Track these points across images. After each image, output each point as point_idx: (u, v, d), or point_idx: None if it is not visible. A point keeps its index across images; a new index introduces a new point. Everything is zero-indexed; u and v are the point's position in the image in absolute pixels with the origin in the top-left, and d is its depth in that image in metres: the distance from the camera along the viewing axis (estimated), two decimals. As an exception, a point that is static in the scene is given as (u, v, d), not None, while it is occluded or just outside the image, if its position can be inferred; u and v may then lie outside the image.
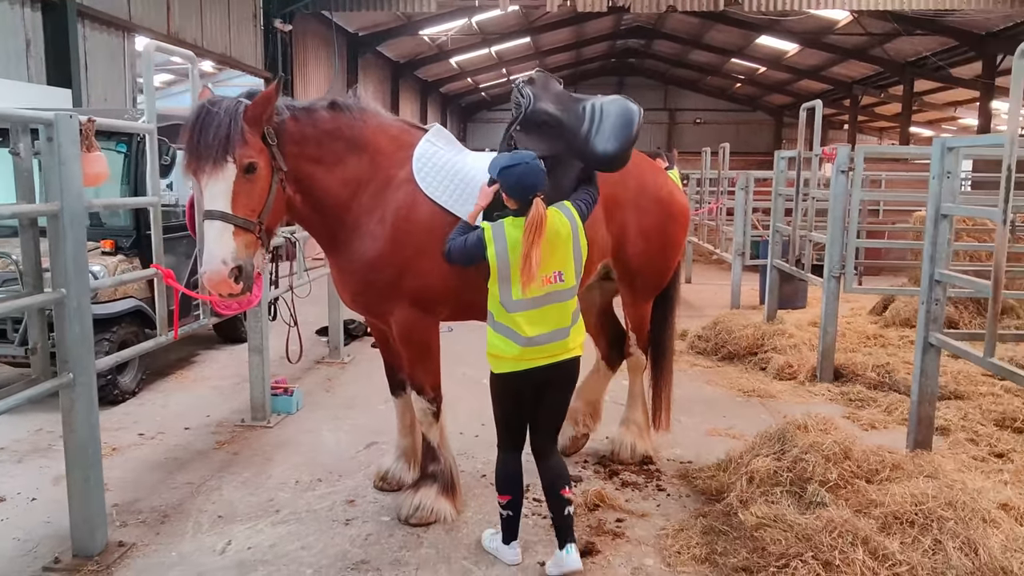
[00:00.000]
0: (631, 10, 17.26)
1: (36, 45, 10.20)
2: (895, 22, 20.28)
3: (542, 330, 3.51)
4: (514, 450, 3.75)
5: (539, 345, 3.51)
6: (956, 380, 6.66)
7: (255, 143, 3.48)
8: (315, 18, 19.18)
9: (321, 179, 3.87)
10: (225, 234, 3.37)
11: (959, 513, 3.48)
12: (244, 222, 3.43)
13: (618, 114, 3.94)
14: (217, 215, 3.37)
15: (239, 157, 3.39)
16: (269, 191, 3.56)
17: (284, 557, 3.87)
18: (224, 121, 3.38)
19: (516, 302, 3.49)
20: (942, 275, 4.64)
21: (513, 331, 3.50)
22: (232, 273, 3.36)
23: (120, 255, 6.41)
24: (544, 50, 29.99)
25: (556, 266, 3.53)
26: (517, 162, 3.50)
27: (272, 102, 3.53)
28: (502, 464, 3.75)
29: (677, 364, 7.71)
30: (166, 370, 7.43)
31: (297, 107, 3.85)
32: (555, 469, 3.71)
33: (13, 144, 3.42)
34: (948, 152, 4.64)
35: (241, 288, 3.41)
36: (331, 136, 3.90)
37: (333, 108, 3.96)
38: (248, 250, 3.46)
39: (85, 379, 3.63)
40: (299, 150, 3.76)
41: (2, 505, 4.46)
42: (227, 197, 3.39)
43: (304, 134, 3.80)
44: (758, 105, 37.92)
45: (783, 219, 8.94)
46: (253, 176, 3.46)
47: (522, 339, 3.49)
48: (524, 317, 3.49)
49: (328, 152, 3.88)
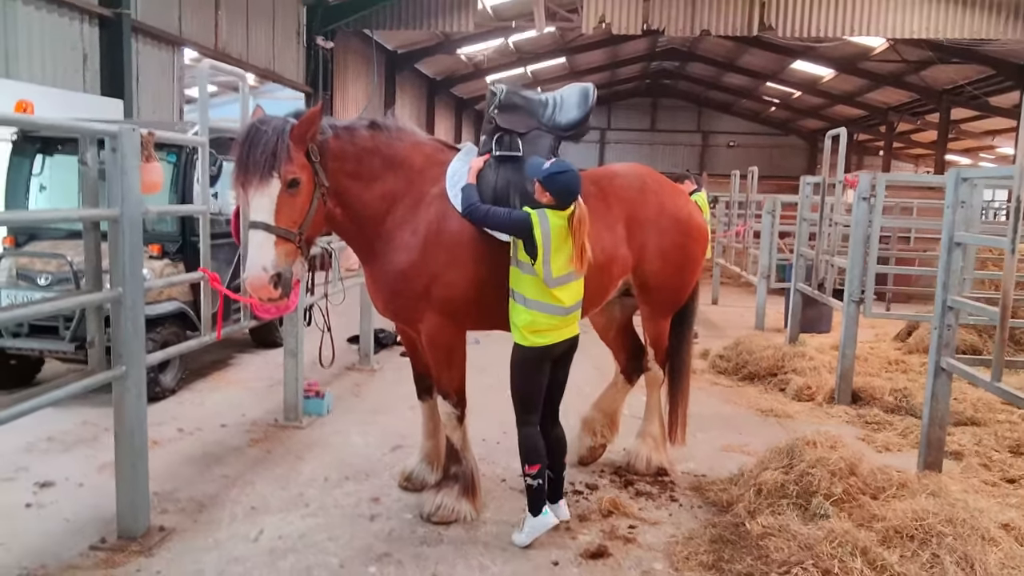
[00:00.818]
0: (665, 33, 17.49)
1: (92, 58, 10.71)
2: (931, 50, 20.26)
3: (574, 300, 4.10)
4: (536, 423, 4.21)
5: (572, 314, 4.10)
6: (975, 407, 6.72)
7: (299, 160, 3.75)
8: (356, 36, 19.71)
9: (359, 193, 4.13)
10: (267, 243, 3.65)
11: (958, 530, 3.62)
12: (285, 232, 3.70)
13: (576, 93, 4.59)
14: (261, 225, 3.66)
15: (284, 173, 3.67)
16: (310, 205, 3.83)
17: (313, 547, 4.10)
18: (272, 139, 3.66)
19: (556, 279, 3.98)
20: (954, 301, 4.77)
21: (554, 305, 4.02)
22: (272, 279, 3.64)
23: (166, 259, 6.74)
24: (579, 70, 30.32)
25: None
26: (564, 169, 3.99)
27: (316, 122, 3.81)
28: (530, 437, 4.16)
29: (697, 382, 7.89)
30: (203, 371, 7.75)
31: (339, 126, 4.13)
32: (562, 438, 4.41)
33: (81, 154, 3.73)
34: (962, 182, 4.78)
35: (280, 293, 3.68)
36: (370, 153, 4.17)
37: (372, 127, 4.24)
38: (288, 259, 3.73)
39: (136, 372, 3.92)
40: (340, 166, 4.03)
41: (52, 489, 4.76)
42: (271, 209, 3.67)
43: (345, 151, 4.08)
44: (791, 129, 37.84)
45: (807, 243, 9.07)
46: (296, 191, 3.74)
47: (562, 309, 4.04)
48: (561, 291, 4.01)
49: (366, 168, 4.15)
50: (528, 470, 4.14)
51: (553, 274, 3.96)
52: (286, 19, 16.71)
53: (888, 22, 16.98)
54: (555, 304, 4.01)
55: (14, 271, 6.49)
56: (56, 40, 10.09)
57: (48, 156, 7.21)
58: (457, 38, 22.07)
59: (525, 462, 4.15)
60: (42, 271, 6.45)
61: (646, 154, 37.49)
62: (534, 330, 4.03)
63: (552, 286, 3.97)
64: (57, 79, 10.05)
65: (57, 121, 3.67)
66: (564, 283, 4.01)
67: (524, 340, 4.07)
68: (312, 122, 3.78)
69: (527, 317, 4.02)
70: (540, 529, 4.17)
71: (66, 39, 10.27)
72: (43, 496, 4.66)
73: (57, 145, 7.13)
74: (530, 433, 4.17)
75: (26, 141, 7.08)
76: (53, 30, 10.03)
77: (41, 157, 7.19)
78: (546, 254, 3.93)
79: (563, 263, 3.97)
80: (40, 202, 7.22)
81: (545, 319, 4.01)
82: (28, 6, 9.59)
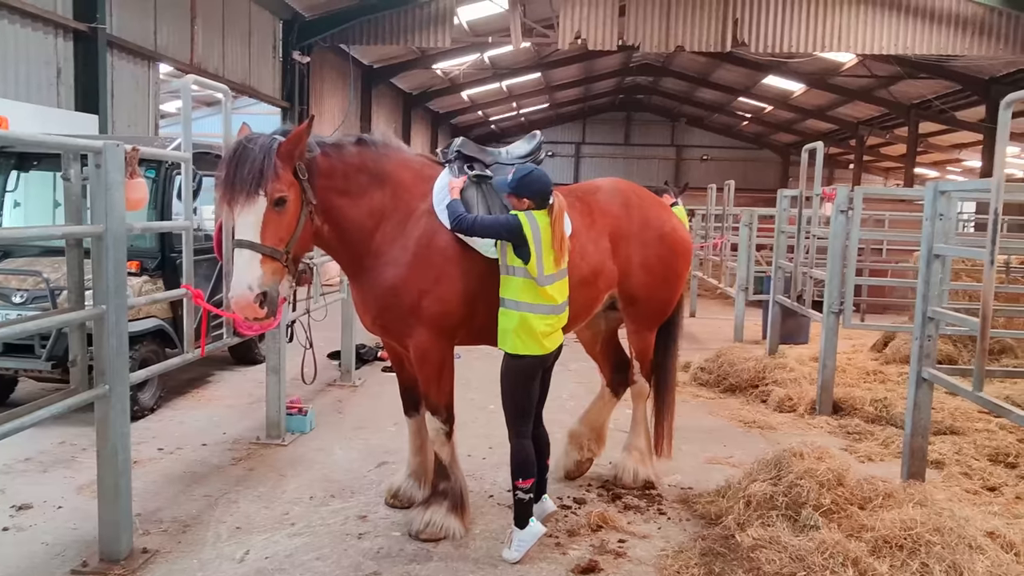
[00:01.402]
0: (640, 48, 17.66)
1: (66, 73, 10.57)
2: (900, 65, 20.67)
3: (564, 297, 4.17)
4: (529, 435, 4.23)
5: (563, 313, 4.16)
6: (953, 416, 6.82)
7: (286, 178, 3.72)
8: (332, 51, 19.67)
9: (347, 210, 4.11)
10: (253, 262, 3.62)
11: (946, 539, 3.66)
12: (271, 251, 3.67)
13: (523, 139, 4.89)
14: (247, 244, 3.63)
15: (270, 191, 3.64)
16: (298, 223, 3.81)
17: (300, 567, 4.05)
18: (258, 157, 3.63)
19: (547, 276, 4.05)
20: (934, 312, 4.84)
21: (548, 305, 4.07)
22: (258, 299, 3.61)
23: (145, 275, 6.65)
24: (554, 85, 30.50)
25: None
26: (528, 171, 4.12)
27: (303, 140, 3.79)
28: (522, 450, 4.17)
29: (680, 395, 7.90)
30: (182, 389, 7.64)
31: (327, 143, 4.12)
32: (545, 438, 4.49)
33: (64, 170, 3.68)
34: (940, 195, 4.87)
35: (266, 313, 3.65)
36: (357, 170, 4.16)
37: (360, 144, 4.23)
38: (275, 277, 3.70)
39: (120, 390, 3.86)
40: (328, 183, 4.01)
41: (30, 512, 4.65)
42: (256, 228, 3.64)
43: (333, 168, 4.06)
44: (764, 143, 38.33)
45: (785, 256, 9.18)
46: (282, 209, 3.71)
47: (555, 307, 4.10)
48: (552, 289, 4.07)
49: (354, 185, 4.14)
50: (520, 484, 4.13)
51: (545, 271, 4.03)
52: (262, 34, 16.64)
53: (858, 38, 17.31)
54: (547, 303, 4.07)
55: (-12, 289, 6.36)
56: (30, 54, 9.95)
57: (23, 172, 7.11)
58: (433, 53, 22.11)
59: (518, 475, 4.14)
60: (17, 289, 6.32)
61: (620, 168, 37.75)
62: (528, 333, 4.03)
63: (544, 284, 4.03)
64: (31, 94, 9.90)
65: (41, 137, 3.60)
66: (555, 280, 4.08)
67: (517, 349, 4.07)
68: (300, 140, 3.76)
69: (518, 318, 4.04)
70: (530, 540, 4.16)
71: (40, 53, 10.13)
72: (21, 519, 4.55)
73: (32, 161, 7.03)
74: (524, 445, 4.17)
75: (0, 157, 6.97)
76: (27, 44, 9.89)
77: (16, 173, 7.08)
78: (538, 252, 3.99)
79: (552, 261, 4.06)
80: (14, 219, 7.10)
81: (538, 320, 4.04)
82: (1, 19, 9.45)
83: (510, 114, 35.72)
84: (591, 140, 39.80)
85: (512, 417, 4.19)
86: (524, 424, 4.18)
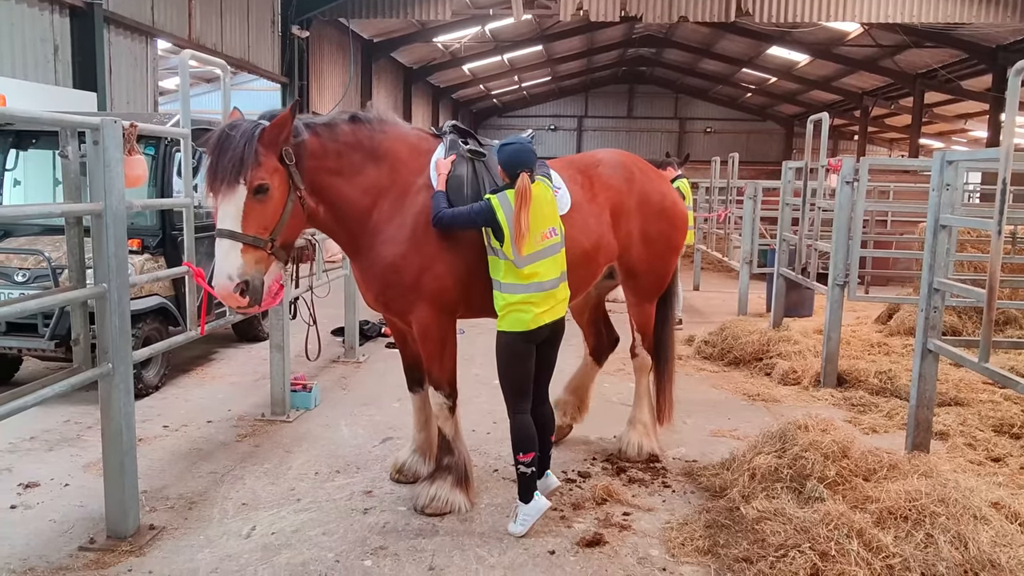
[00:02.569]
0: (643, 19, 17.46)
1: (63, 50, 10.49)
2: (905, 34, 20.43)
3: (554, 274, 4.06)
4: (526, 411, 4.19)
5: (556, 289, 4.06)
6: (957, 387, 6.81)
7: (269, 164, 3.66)
8: (332, 25, 19.49)
9: (342, 189, 4.07)
10: (233, 252, 3.60)
11: (951, 509, 3.65)
12: (253, 240, 3.64)
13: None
14: (226, 233, 3.60)
15: (250, 180, 3.59)
16: (283, 209, 3.75)
17: (307, 542, 4.07)
18: (239, 145, 3.58)
19: (525, 257, 3.95)
20: (940, 283, 4.81)
21: (533, 283, 3.99)
22: (238, 287, 3.59)
23: (146, 254, 6.63)
24: (556, 57, 30.24)
25: (549, 223, 4.07)
26: (512, 142, 4.09)
27: (287, 126, 3.71)
28: (522, 426, 4.15)
29: (683, 368, 7.93)
30: (186, 366, 7.66)
31: (318, 123, 4.05)
32: (549, 415, 4.43)
33: (62, 147, 3.63)
34: (948, 165, 4.82)
35: (248, 301, 3.64)
36: (350, 148, 4.10)
37: (353, 121, 4.17)
38: (258, 265, 3.67)
39: (123, 369, 3.85)
40: (319, 163, 3.96)
41: (36, 490, 4.67)
42: (237, 217, 3.60)
43: (325, 148, 4.00)
44: (768, 115, 38.05)
45: (790, 228, 9.13)
46: (264, 197, 3.65)
47: (541, 285, 4.00)
48: (535, 268, 3.98)
49: (347, 163, 4.08)
50: (521, 458, 4.14)
51: (522, 253, 3.93)
52: (261, 8, 16.47)
53: (863, 7, 17.11)
54: (530, 282, 3.98)
55: (-10, 268, 6.35)
56: (26, 31, 9.86)
57: (21, 150, 7.07)
58: (434, 26, 21.91)
59: (519, 450, 4.14)
60: (19, 268, 6.31)
61: (623, 141, 37.57)
62: (520, 310, 4.00)
63: (522, 265, 3.94)
64: (28, 71, 9.84)
65: (36, 114, 3.56)
66: (538, 259, 3.97)
67: (502, 326, 4.07)
68: (283, 126, 3.69)
69: (501, 301, 4.04)
70: (534, 515, 4.17)
71: (36, 30, 10.04)
72: (28, 497, 4.57)
73: (31, 139, 6.99)
74: (523, 421, 4.16)
75: (-1, 135, 6.94)
76: (23, 21, 9.80)
77: (15, 152, 7.04)
78: (512, 234, 3.92)
79: (533, 240, 3.95)
80: (14, 197, 7.07)
81: (526, 298, 3.98)
82: (-4, -3, 9.36)
83: (512, 88, 35.45)
84: (593, 113, 39.53)
85: (508, 394, 4.18)
86: (521, 401, 4.16)
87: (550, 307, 4.06)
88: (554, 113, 39.69)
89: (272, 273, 3.82)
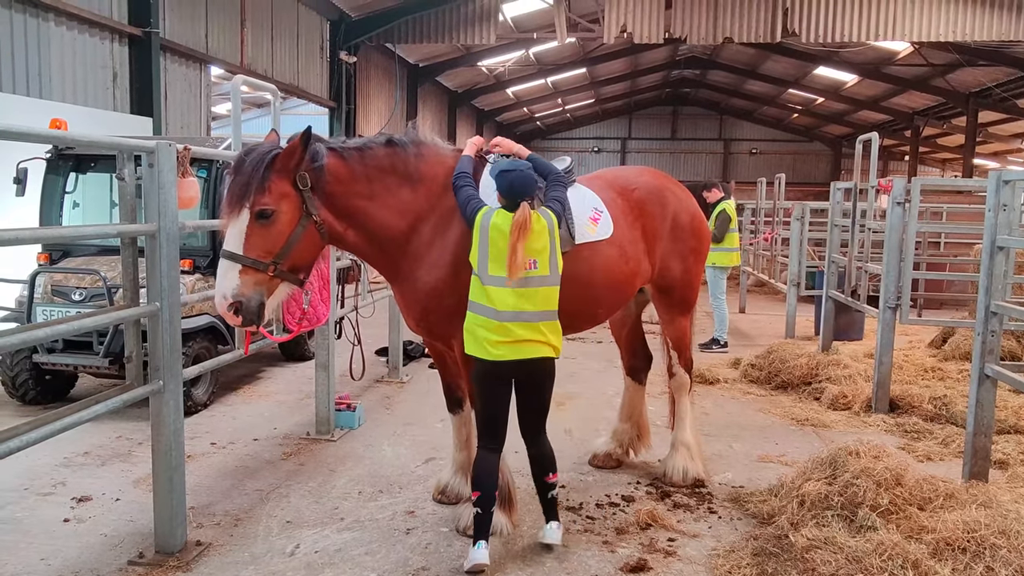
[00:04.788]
0: (687, 41, 17.44)
1: (122, 77, 10.88)
2: (957, 53, 20.01)
3: (511, 308, 3.86)
4: (490, 448, 4.05)
5: (511, 323, 3.85)
6: (1017, 415, 6.57)
7: (278, 190, 3.70)
8: (378, 50, 19.87)
9: (375, 213, 4.07)
10: (231, 272, 3.65)
11: (1012, 542, 3.51)
12: (253, 262, 3.67)
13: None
14: (227, 255, 3.67)
15: (252, 204, 3.65)
16: (291, 234, 3.77)
17: (349, 561, 4.08)
18: (247, 170, 3.66)
19: (491, 277, 3.87)
20: (998, 306, 4.66)
21: (486, 306, 3.88)
22: (232, 307, 3.63)
23: (197, 274, 6.79)
24: (599, 80, 30.32)
25: (531, 255, 3.89)
26: (512, 168, 3.99)
27: (297, 153, 3.74)
28: (478, 460, 4.04)
29: (730, 392, 7.81)
30: (234, 385, 7.78)
31: (348, 147, 4.07)
32: (542, 456, 4.17)
33: (119, 170, 3.75)
34: (1004, 185, 4.69)
35: (243, 320, 3.68)
36: (383, 172, 4.11)
37: (389, 144, 4.18)
38: (257, 287, 3.69)
39: (174, 386, 3.93)
40: (346, 188, 3.97)
41: (89, 504, 4.78)
42: (239, 239, 3.66)
43: (353, 172, 4.01)
44: (815, 136, 37.54)
45: (839, 250, 8.96)
46: (267, 222, 3.68)
47: (493, 312, 3.86)
48: (497, 292, 3.85)
49: (381, 187, 4.09)
50: (472, 495, 4.05)
51: (490, 272, 3.87)
52: (310, 35, 16.89)
53: (912, 25, 16.81)
54: (487, 305, 3.87)
55: (49, 288, 6.56)
56: (87, 59, 10.26)
57: (81, 174, 7.32)
58: (478, 50, 22.17)
59: (471, 486, 4.08)
60: (76, 287, 6.52)
61: (667, 163, 37.41)
62: (468, 331, 3.94)
63: (486, 283, 3.88)
64: (88, 98, 10.21)
65: (95, 138, 3.69)
66: (502, 285, 3.85)
67: (466, 347, 3.99)
68: (292, 153, 3.73)
69: (469, 315, 3.98)
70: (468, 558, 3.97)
71: (97, 58, 10.44)
72: (81, 511, 4.68)
73: (90, 163, 7.24)
74: (480, 456, 4.05)
75: (60, 159, 7.19)
76: (84, 49, 10.19)
77: (74, 175, 7.29)
78: (481, 250, 3.88)
79: (501, 266, 3.85)
80: (73, 219, 7.32)
81: (479, 321, 3.89)
82: (60, 26, 9.75)
83: (555, 110, 35.60)
84: (637, 135, 39.44)
85: (476, 421, 4.12)
86: (487, 436, 4.04)
87: (508, 341, 3.86)
88: (597, 135, 39.71)
89: (279, 295, 3.85)
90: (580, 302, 4.44)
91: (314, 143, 3.87)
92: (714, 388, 7.94)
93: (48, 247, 7.06)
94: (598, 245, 4.48)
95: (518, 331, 3.87)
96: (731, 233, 10.24)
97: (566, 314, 4.25)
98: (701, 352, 9.48)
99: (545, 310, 3.95)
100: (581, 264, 4.38)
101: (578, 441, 6.07)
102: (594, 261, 4.46)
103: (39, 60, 9.46)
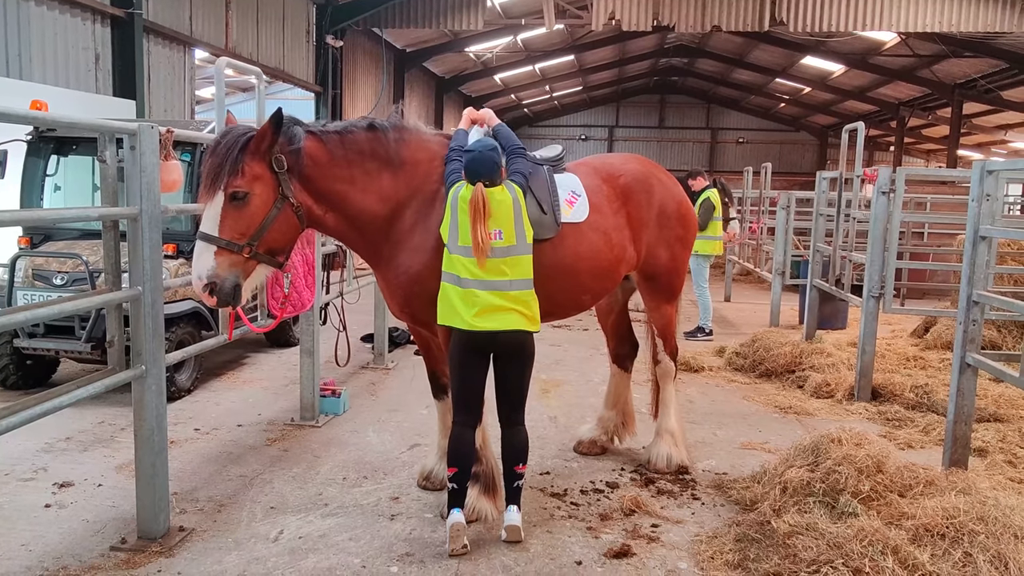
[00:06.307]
0: (675, 29, 17.40)
1: (104, 59, 10.72)
2: (944, 44, 20.10)
3: (478, 276, 3.89)
4: (465, 424, 4.09)
5: (474, 289, 3.88)
6: (996, 403, 6.66)
7: (252, 172, 3.70)
8: (365, 35, 19.70)
9: (355, 197, 4.06)
10: (206, 253, 3.66)
11: (990, 528, 3.56)
12: (227, 244, 3.68)
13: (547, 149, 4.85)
14: (202, 236, 3.68)
15: (226, 186, 3.66)
16: (265, 216, 3.76)
17: (334, 547, 4.07)
18: (221, 153, 3.68)
19: (459, 247, 3.91)
20: (980, 296, 4.70)
21: (454, 275, 3.92)
22: (206, 288, 3.65)
23: (181, 258, 6.73)
24: (587, 67, 30.23)
25: (494, 226, 3.92)
26: (473, 148, 4.01)
27: (268, 136, 3.73)
28: (455, 437, 4.07)
29: (714, 379, 7.85)
30: (218, 370, 7.74)
31: (328, 130, 4.06)
32: (515, 444, 4.15)
33: (100, 152, 3.70)
34: (988, 175, 4.71)
35: (217, 301, 3.69)
36: (364, 155, 4.09)
37: (370, 129, 4.16)
38: (233, 268, 3.70)
39: (156, 371, 3.90)
40: (325, 171, 3.97)
41: (71, 490, 4.75)
42: (214, 221, 3.67)
43: (332, 155, 4.00)
44: (802, 125, 37.63)
45: (823, 239, 9.00)
46: (241, 203, 3.69)
47: (457, 279, 3.91)
48: (462, 261, 3.90)
49: (360, 171, 4.07)
50: (448, 471, 4.09)
51: (458, 242, 3.91)
52: (296, 18, 16.71)
53: (900, 16, 16.85)
54: (454, 273, 3.92)
55: (30, 271, 6.49)
56: (69, 40, 10.10)
57: (62, 156, 7.22)
58: (466, 36, 22.03)
59: (447, 462, 4.12)
60: (57, 271, 6.45)
61: (654, 151, 37.38)
62: (444, 300, 3.96)
63: (453, 252, 3.93)
64: (70, 80, 10.07)
65: (76, 119, 3.65)
66: (463, 255, 3.90)
67: (439, 316, 4.02)
68: (264, 136, 3.72)
69: (440, 290, 4.01)
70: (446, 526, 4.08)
71: (79, 39, 10.28)
72: (62, 496, 4.64)
73: (72, 145, 7.14)
74: (457, 433, 4.08)
75: (41, 141, 7.09)
76: (65, 30, 10.04)
77: (55, 157, 7.20)
78: (452, 218, 3.93)
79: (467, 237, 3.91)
80: (54, 202, 7.23)
81: (447, 288, 3.95)
82: (40, 6, 9.59)
83: (543, 97, 35.46)
84: (624, 123, 39.37)
85: (451, 397, 4.17)
86: (460, 412, 4.09)
87: (480, 311, 3.87)
88: (585, 123, 39.62)
89: (257, 277, 3.88)
90: (565, 288, 4.46)
91: (292, 126, 3.87)
92: (699, 376, 7.98)
93: (29, 230, 6.98)
94: (583, 231, 4.47)
95: (488, 298, 3.90)
96: (715, 221, 10.28)
97: (550, 300, 4.27)
98: (686, 340, 9.52)
99: (516, 279, 3.97)
100: (565, 250, 4.39)
101: (563, 428, 6.09)
102: (579, 247, 4.45)
103: (19, 41, 9.31)
